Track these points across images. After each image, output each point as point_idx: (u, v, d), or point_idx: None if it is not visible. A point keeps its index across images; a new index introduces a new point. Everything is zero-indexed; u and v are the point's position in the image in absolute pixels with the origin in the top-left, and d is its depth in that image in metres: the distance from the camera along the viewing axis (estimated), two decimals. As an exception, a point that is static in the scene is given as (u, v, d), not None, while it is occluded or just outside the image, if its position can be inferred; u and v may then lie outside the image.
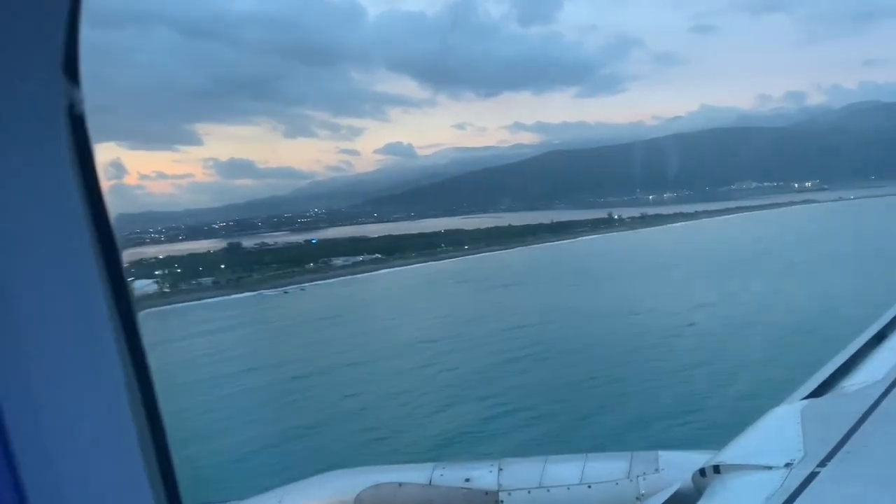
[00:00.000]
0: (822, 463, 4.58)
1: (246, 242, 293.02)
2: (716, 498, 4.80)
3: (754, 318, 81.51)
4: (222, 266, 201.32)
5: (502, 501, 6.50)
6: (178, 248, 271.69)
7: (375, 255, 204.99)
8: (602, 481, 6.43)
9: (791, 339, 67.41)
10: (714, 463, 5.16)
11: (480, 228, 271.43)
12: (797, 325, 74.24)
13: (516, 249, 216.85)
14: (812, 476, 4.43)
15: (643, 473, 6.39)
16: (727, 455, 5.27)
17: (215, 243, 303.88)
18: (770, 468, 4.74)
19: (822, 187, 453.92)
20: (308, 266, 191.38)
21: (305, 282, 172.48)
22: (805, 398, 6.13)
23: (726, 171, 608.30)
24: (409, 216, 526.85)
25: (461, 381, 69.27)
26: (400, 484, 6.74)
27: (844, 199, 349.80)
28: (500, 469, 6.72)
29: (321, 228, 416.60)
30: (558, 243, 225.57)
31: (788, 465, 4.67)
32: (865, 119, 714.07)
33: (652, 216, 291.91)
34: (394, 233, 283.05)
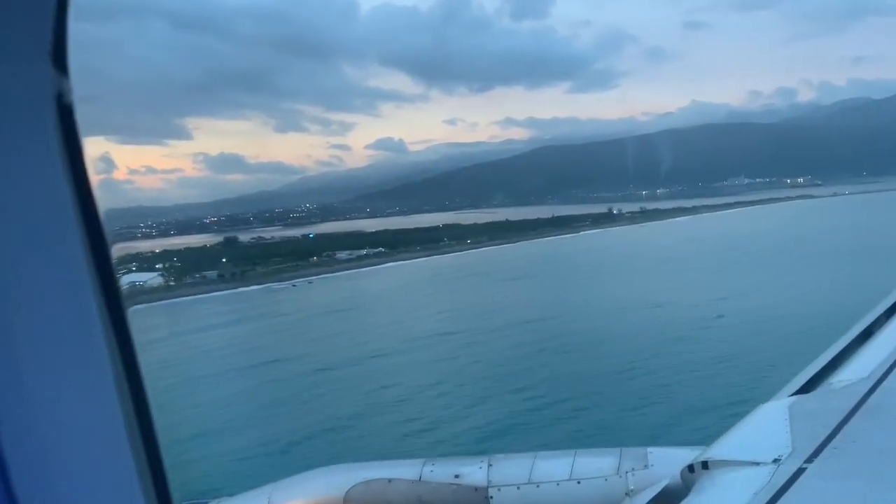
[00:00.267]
0: (810, 459, 4.66)
1: (242, 237, 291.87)
2: (704, 494, 4.85)
3: (783, 310, 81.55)
4: (224, 260, 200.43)
5: (492, 497, 6.54)
6: (173, 243, 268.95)
7: (378, 249, 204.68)
8: (591, 477, 6.48)
9: (824, 330, 67.37)
10: (702, 459, 5.21)
11: (478, 223, 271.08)
12: (827, 317, 74.30)
13: (519, 244, 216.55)
14: (800, 472, 4.51)
15: (632, 469, 6.44)
16: (715, 451, 5.33)
17: (209, 238, 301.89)
18: (758, 464, 4.80)
19: (816, 183, 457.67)
20: (312, 260, 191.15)
21: (311, 275, 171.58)
22: (793, 395, 6.19)
23: (719, 167, 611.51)
24: (402, 211, 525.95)
25: (492, 373, 68.71)
26: (389, 480, 6.80)
27: (840, 195, 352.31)
28: (490, 465, 6.74)
29: (314, 223, 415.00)
30: (561, 237, 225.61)
31: (776, 461, 4.73)
32: (856, 116, 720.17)
33: (652, 211, 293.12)
34: (390, 228, 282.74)
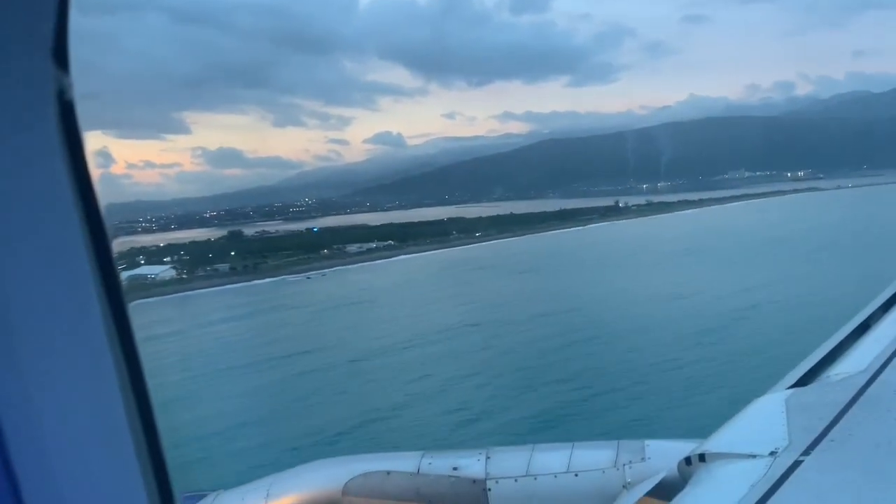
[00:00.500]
0: (807, 451, 4.65)
1: (246, 231, 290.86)
2: (701, 486, 4.85)
3: (812, 300, 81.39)
4: (232, 253, 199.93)
5: (490, 490, 6.56)
6: (175, 237, 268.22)
7: (388, 242, 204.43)
8: (589, 469, 6.51)
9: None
10: (699, 451, 5.22)
11: (483, 217, 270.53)
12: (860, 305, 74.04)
13: (528, 236, 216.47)
14: (796, 464, 4.52)
15: (629, 462, 6.47)
16: (712, 444, 5.33)
17: (212, 232, 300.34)
18: (755, 457, 4.81)
19: (818, 176, 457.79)
20: (323, 252, 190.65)
21: (323, 268, 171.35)
22: (790, 387, 6.20)
23: (718, 160, 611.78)
24: (402, 206, 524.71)
25: (527, 364, 68.40)
26: (388, 472, 6.82)
27: (843, 188, 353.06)
28: (488, 457, 6.77)
29: (314, 217, 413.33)
30: (569, 230, 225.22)
31: (773, 454, 4.73)
32: (855, 109, 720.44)
33: (658, 203, 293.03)
34: (394, 221, 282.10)
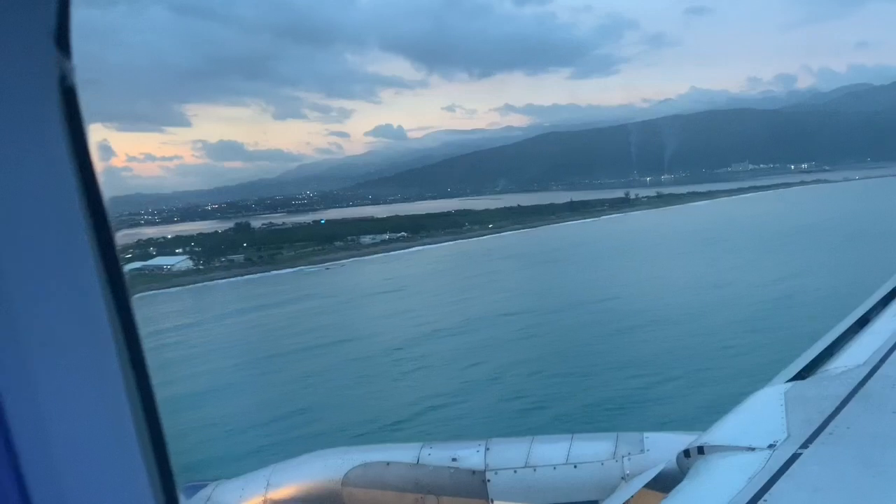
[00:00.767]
0: (805, 444, 4.66)
1: (253, 223, 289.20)
2: (699, 478, 4.83)
3: (851, 289, 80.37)
4: (244, 244, 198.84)
5: (489, 481, 6.54)
6: (181, 229, 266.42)
7: (401, 234, 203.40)
8: (588, 461, 6.49)
9: None
10: (698, 444, 5.19)
11: (490, 209, 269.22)
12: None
13: (541, 228, 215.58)
14: (795, 457, 4.53)
15: (628, 454, 6.45)
16: (711, 436, 5.29)
17: (218, 224, 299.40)
18: (753, 449, 4.81)
19: (824, 168, 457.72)
20: (336, 244, 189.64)
21: (338, 259, 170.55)
22: (789, 381, 6.14)
23: (721, 153, 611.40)
24: (405, 198, 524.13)
25: (577, 352, 67.46)
26: (388, 463, 6.82)
27: (851, 180, 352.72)
28: (487, 449, 6.74)
29: (318, 210, 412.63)
30: (583, 222, 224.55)
31: (772, 447, 4.75)
32: (857, 102, 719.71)
33: (667, 195, 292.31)
34: (401, 213, 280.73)
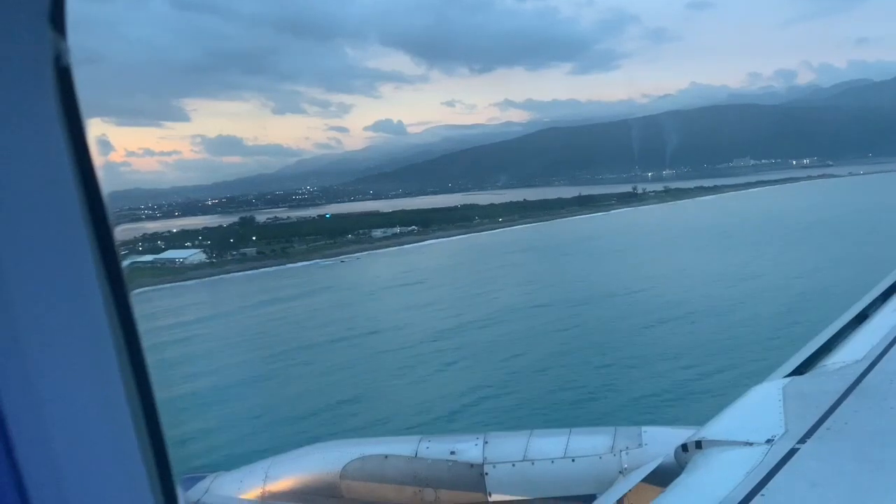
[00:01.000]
0: (803, 439, 4.69)
1: (258, 217, 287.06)
2: (697, 472, 4.86)
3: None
4: (253, 238, 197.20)
5: (487, 474, 6.53)
6: (186, 223, 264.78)
7: (411, 228, 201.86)
8: (586, 455, 6.46)
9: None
10: (696, 438, 5.22)
11: (496, 203, 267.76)
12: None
13: (552, 222, 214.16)
14: (792, 452, 4.56)
15: (626, 448, 6.42)
16: (709, 431, 5.31)
17: (219, 219, 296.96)
18: (751, 444, 4.84)
19: (828, 164, 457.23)
20: (347, 237, 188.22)
21: (351, 252, 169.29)
22: (787, 376, 6.08)
23: (723, 148, 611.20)
24: (406, 193, 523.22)
25: (620, 343, 65.95)
26: (386, 456, 6.79)
27: (856, 175, 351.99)
28: (486, 442, 6.71)
29: (319, 205, 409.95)
30: (593, 216, 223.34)
31: (769, 442, 4.78)
32: (857, 98, 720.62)
33: (675, 190, 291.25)
34: (405, 208, 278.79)
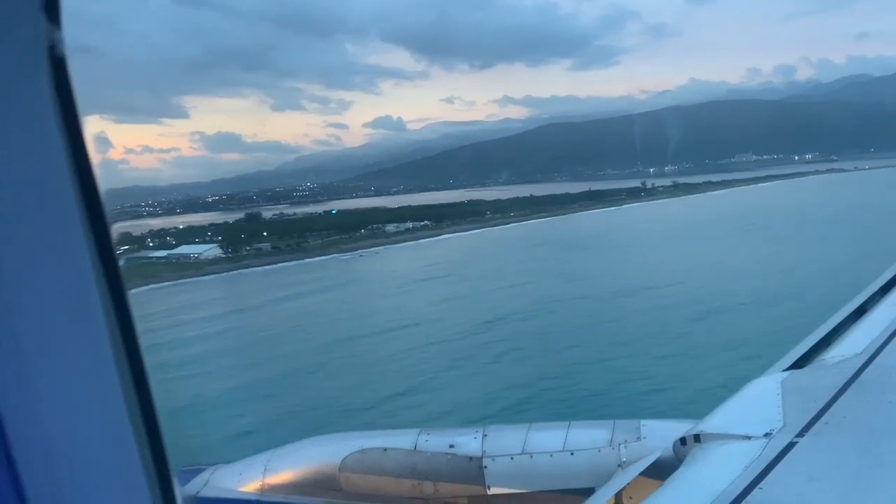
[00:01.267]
0: (801, 433, 4.71)
1: (264, 213, 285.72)
2: (696, 466, 4.89)
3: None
4: (264, 233, 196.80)
5: (486, 467, 6.57)
6: (186, 220, 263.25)
7: (424, 223, 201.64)
8: (585, 448, 6.49)
9: None
10: (695, 432, 5.23)
11: (501, 199, 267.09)
12: None
13: (564, 216, 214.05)
14: (790, 446, 4.58)
15: (625, 441, 6.46)
16: (708, 424, 5.33)
17: (221, 215, 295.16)
18: (749, 438, 4.86)
19: (832, 159, 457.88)
20: (361, 232, 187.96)
21: (367, 247, 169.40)
22: (786, 370, 6.10)
23: (724, 144, 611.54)
24: (407, 190, 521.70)
25: (677, 334, 65.83)
26: (385, 449, 6.81)
27: (861, 169, 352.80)
28: (485, 435, 6.75)
29: (321, 202, 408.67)
30: (604, 210, 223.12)
31: (768, 435, 4.80)
32: (858, 93, 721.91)
33: (684, 185, 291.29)
34: (411, 204, 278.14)
